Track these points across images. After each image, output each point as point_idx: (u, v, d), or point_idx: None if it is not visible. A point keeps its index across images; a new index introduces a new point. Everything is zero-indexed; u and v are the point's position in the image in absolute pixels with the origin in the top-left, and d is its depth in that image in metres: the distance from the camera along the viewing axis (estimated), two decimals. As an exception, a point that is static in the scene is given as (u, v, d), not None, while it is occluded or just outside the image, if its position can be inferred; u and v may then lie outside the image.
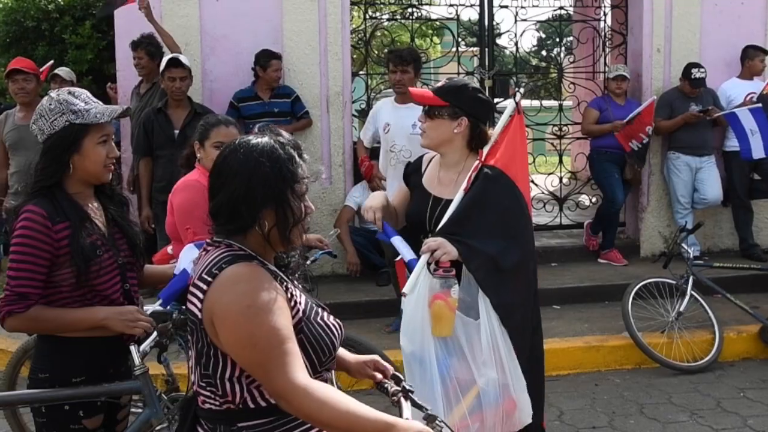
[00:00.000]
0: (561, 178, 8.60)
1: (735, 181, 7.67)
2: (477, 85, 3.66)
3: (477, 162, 3.21)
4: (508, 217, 3.16)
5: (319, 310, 2.15)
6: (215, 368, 2.01)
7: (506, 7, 8.29)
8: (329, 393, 1.95)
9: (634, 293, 5.84)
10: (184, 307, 2.71)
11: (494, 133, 3.29)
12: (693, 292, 5.84)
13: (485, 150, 3.24)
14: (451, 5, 8.20)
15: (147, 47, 6.57)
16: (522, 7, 8.31)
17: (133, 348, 2.87)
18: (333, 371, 2.25)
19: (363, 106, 8.37)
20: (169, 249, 4.75)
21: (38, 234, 2.62)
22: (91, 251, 2.69)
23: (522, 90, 4.10)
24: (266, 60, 6.71)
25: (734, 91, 7.64)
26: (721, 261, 6.60)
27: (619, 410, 5.01)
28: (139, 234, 2.96)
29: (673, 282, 5.91)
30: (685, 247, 5.97)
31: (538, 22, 8.94)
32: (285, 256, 2.18)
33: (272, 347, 1.93)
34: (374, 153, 6.53)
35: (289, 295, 2.06)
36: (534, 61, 13.76)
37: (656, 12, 7.78)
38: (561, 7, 8.76)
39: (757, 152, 7.25)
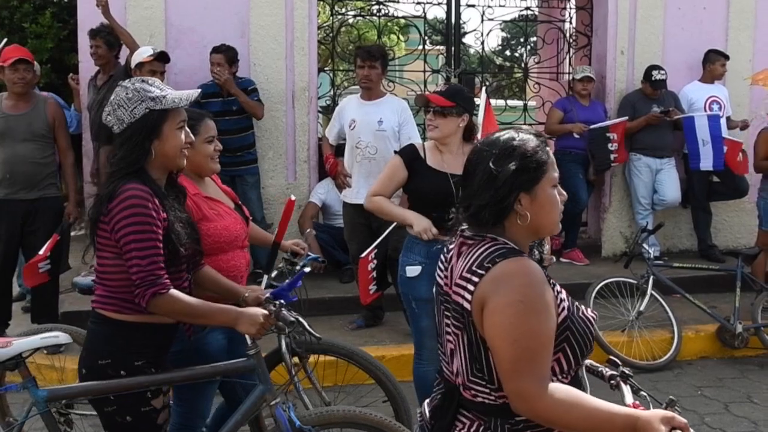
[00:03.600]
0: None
1: (694, 183, 7.78)
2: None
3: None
4: None
5: (578, 303, 2.15)
6: (488, 362, 2.03)
7: (473, 6, 8.32)
8: (573, 394, 1.97)
9: (595, 292, 5.92)
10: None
11: (479, 120, 4.18)
12: (653, 292, 5.92)
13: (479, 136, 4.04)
14: (418, 3, 8.20)
15: (106, 36, 6.46)
16: (489, 7, 8.36)
17: None
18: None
19: (328, 102, 8.34)
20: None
21: (151, 211, 2.65)
22: (182, 237, 2.76)
23: (487, 89, 4.67)
24: (210, 54, 6.63)
25: (695, 94, 7.75)
26: (680, 261, 6.71)
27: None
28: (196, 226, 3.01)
29: (634, 282, 6.00)
30: (646, 247, 6.05)
31: (505, 21, 9.00)
32: (534, 245, 2.24)
33: (530, 348, 1.95)
34: (339, 150, 6.50)
35: (555, 293, 2.06)
36: (499, 61, 13.83)
37: (620, 14, 7.87)
38: (527, 8, 8.82)
39: (706, 163, 7.37)
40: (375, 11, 8.45)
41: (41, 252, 4.90)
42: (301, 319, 3.22)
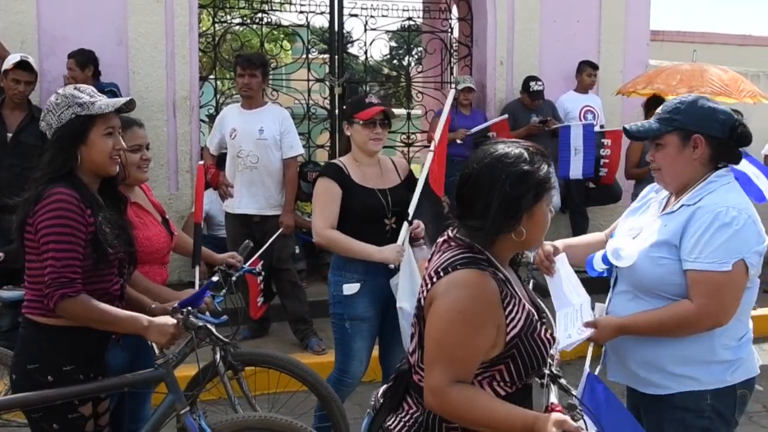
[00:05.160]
0: (410, 185, 8.74)
1: (572, 189, 8.07)
2: None
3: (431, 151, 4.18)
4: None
5: (538, 325, 2.18)
6: None
7: (356, 15, 8.38)
8: (475, 394, 2.09)
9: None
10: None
11: (440, 122, 4.34)
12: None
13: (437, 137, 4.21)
14: (301, 12, 8.20)
15: None
16: (371, 17, 8.43)
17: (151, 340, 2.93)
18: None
19: (212, 111, 8.22)
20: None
21: (75, 215, 2.68)
22: (111, 240, 2.78)
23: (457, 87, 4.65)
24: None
25: (571, 104, 8.05)
26: (558, 265, 6.91)
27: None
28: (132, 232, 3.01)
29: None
30: (527, 252, 6.20)
31: (387, 31, 9.09)
32: (520, 256, 2.31)
33: (450, 352, 2.08)
34: (222, 159, 6.42)
35: (507, 312, 2.11)
36: (385, 70, 13.96)
37: (499, 26, 8.10)
38: (410, 18, 8.94)
39: (575, 172, 7.66)
40: (258, 19, 8.39)
41: None
42: (209, 325, 3.18)
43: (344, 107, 4.37)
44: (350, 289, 3.93)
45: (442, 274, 2.12)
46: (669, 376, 2.66)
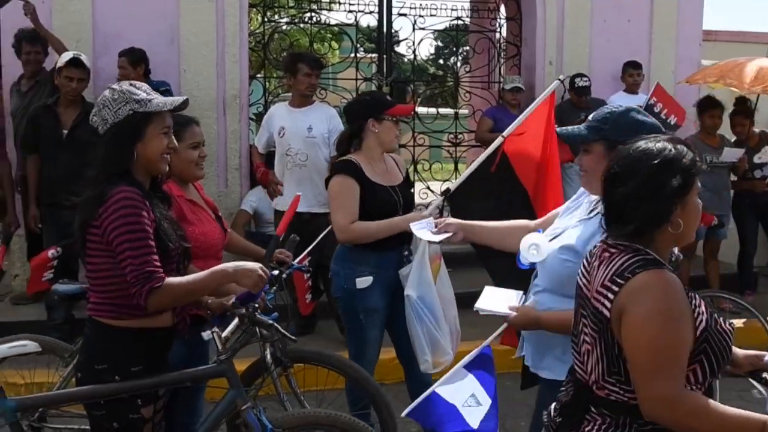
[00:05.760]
0: (457, 185, 8.72)
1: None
2: None
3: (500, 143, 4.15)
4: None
5: (716, 316, 2.19)
6: (626, 366, 2.12)
7: (405, 15, 8.39)
8: (707, 402, 2.06)
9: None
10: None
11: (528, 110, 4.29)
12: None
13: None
14: (350, 11, 8.23)
15: (44, 42, 6.40)
16: (420, 16, 8.43)
17: (215, 335, 2.97)
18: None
19: (260, 109, 8.30)
20: (50, 252, 4.59)
21: (143, 212, 2.68)
22: (171, 237, 2.81)
23: (562, 77, 4.71)
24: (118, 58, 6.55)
25: (620, 104, 7.92)
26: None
27: (511, 412, 5.12)
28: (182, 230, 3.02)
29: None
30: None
31: (436, 31, 9.08)
32: (672, 255, 2.29)
33: (668, 357, 2.04)
34: (270, 157, 6.48)
35: (693, 306, 2.12)
36: (431, 70, 13.95)
37: (549, 25, 8.04)
38: (458, 18, 8.92)
39: None
40: (307, 19, 8.45)
41: None
42: (274, 322, 3.23)
43: (360, 105, 4.33)
44: (363, 282, 4.01)
45: (622, 282, 2.10)
46: (560, 363, 2.79)
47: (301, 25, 8.98)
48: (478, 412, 3.05)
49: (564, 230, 2.89)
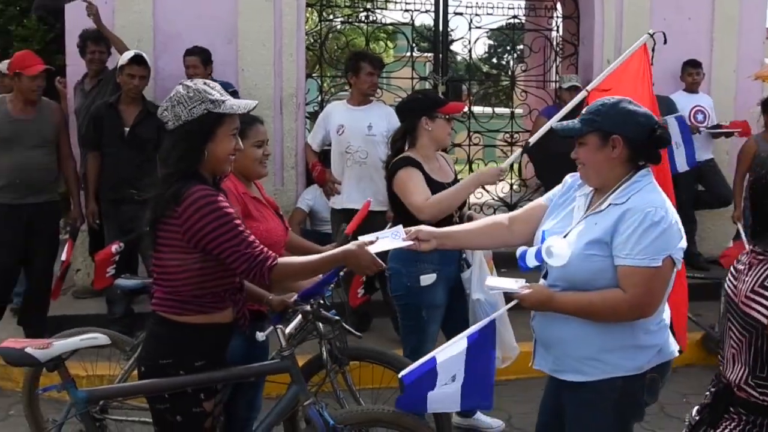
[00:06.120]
0: (512, 185, 8.68)
1: (680, 192, 7.81)
2: None
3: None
4: None
5: None
6: None
7: (461, 14, 8.35)
8: None
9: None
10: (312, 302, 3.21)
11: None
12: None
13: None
14: (406, 10, 8.23)
15: (107, 42, 6.54)
16: (476, 15, 8.39)
17: (278, 331, 3.05)
18: None
19: (316, 108, 8.35)
20: (114, 248, 4.69)
21: (223, 203, 2.72)
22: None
23: (651, 31, 4.72)
24: (185, 57, 6.60)
25: (680, 103, 7.79)
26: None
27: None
28: None
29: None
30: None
31: (492, 30, 9.03)
32: None
33: None
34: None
35: None
36: (485, 68, 13.88)
37: (607, 24, 7.92)
38: (514, 16, 8.86)
39: (681, 166, 7.42)
40: (363, 18, 8.47)
41: (63, 258, 5.15)
42: (338, 318, 3.32)
43: (413, 104, 4.38)
44: (428, 279, 4.07)
45: None
46: (590, 362, 2.77)
47: (357, 24, 9.01)
48: (448, 391, 2.93)
49: (570, 229, 2.84)
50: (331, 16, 8.68)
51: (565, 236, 2.82)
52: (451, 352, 2.77)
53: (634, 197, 2.73)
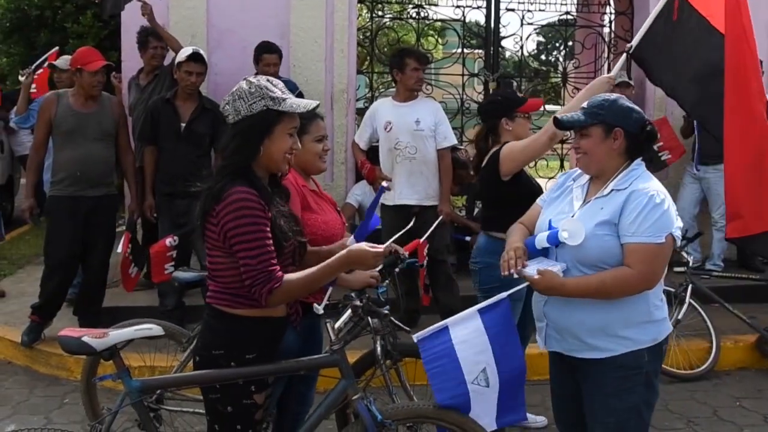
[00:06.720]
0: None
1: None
2: None
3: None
4: None
5: None
6: None
7: (513, 10, 8.31)
8: None
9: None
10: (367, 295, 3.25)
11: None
12: (691, 301, 5.86)
13: None
14: (457, 6, 8.21)
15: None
16: (528, 11, 8.34)
17: (328, 325, 3.09)
18: None
19: (366, 104, 8.37)
20: (168, 241, 4.76)
21: (260, 212, 2.74)
22: (286, 232, 2.86)
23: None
24: (259, 53, 6.59)
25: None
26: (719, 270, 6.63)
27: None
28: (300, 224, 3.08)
29: (672, 290, 5.92)
30: (685, 255, 5.99)
31: (544, 26, 8.95)
32: None
33: None
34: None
35: None
36: (534, 65, 13.77)
37: (662, 20, 7.79)
38: (567, 12, 8.77)
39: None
40: (413, 14, 8.46)
41: (120, 250, 5.35)
42: (387, 312, 3.32)
43: (492, 106, 4.43)
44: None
45: None
46: (615, 339, 3.00)
47: (407, 21, 9.01)
48: (485, 398, 3.15)
49: (575, 213, 3.06)
50: (382, 13, 8.66)
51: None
52: (461, 317, 3.13)
53: (635, 183, 3.00)
